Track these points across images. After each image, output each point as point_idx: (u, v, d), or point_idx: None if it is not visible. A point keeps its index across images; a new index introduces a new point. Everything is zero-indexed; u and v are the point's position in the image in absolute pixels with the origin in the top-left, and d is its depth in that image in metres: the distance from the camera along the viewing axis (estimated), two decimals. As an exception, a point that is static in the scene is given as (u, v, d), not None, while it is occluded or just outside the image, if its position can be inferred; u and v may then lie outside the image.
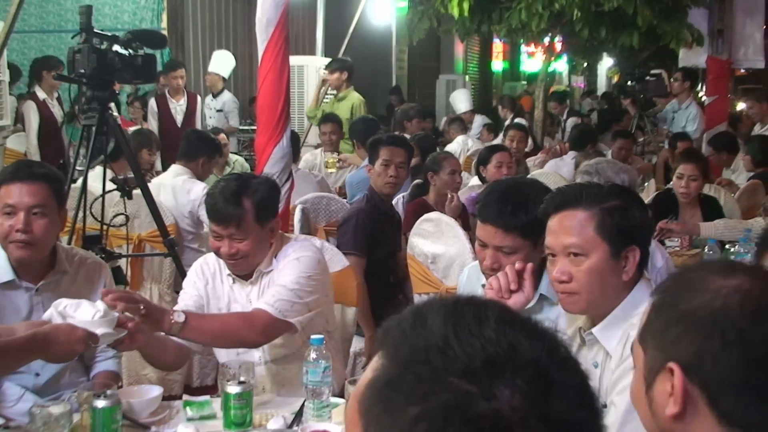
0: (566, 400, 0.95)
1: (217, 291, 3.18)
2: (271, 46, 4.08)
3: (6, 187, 2.84)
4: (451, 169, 5.33)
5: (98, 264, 3.19)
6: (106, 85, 4.03)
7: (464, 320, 0.98)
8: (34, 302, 2.94)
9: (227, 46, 12.34)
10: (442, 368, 0.94)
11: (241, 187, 3.05)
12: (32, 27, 10.88)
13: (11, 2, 5.78)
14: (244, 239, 3.01)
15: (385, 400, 0.96)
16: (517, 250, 2.74)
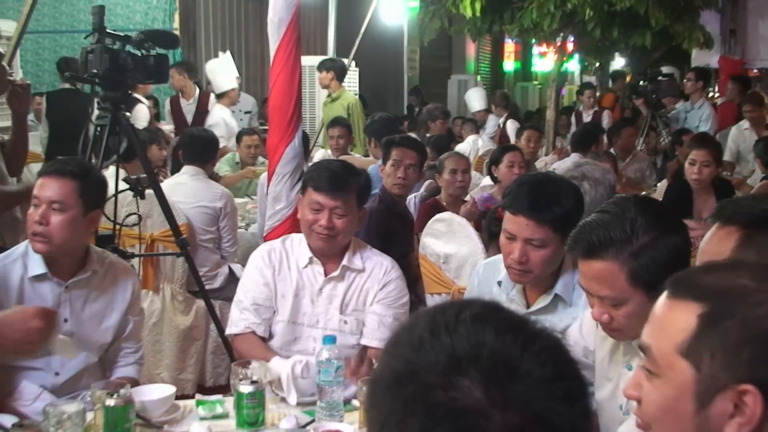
0: (529, 390, 0.98)
1: (284, 278, 3.21)
2: (282, 47, 4.08)
3: (40, 178, 2.93)
4: (450, 169, 5.33)
5: (127, 269, 3.24)
6: (119, 85, 4.03)
7: (443, 319, 1.05)
8: (62, 298, 2.99)
9: (239, 47, 12.37)
10: (412, 363, 1.01)
11: (351, 167, 3.27)
12: (45, 27, 10.92)
13: (24, 2, 5.81)
14: (344, 216, 3.12)
15: (372, 395, 1.06)
16: (547, 243, 2.74)
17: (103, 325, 3.10)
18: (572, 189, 2.84)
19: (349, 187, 3.16)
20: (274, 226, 4.15)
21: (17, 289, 2.93)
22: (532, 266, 2.77)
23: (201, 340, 5.22)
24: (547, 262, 2.78)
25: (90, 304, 3.05)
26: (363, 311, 3.20)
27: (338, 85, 8.71)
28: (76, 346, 2.59)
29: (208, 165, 5.47)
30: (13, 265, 2.96)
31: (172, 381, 4.70)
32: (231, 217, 5.37)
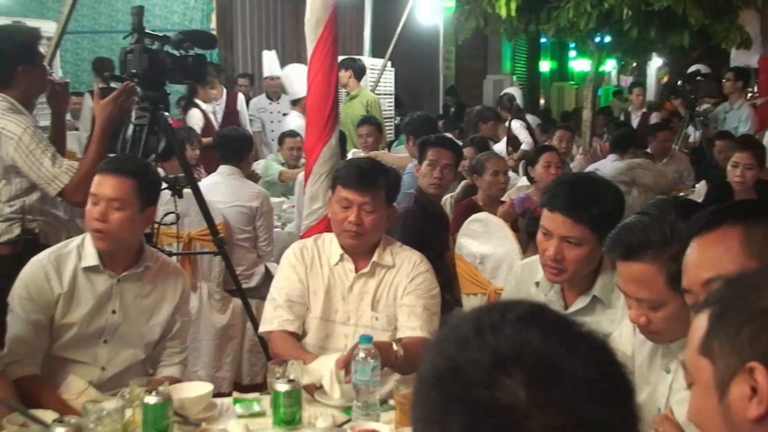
0: (572, 391, 0.97)
1: (316, 274, 3.23)
2: (320, 46, 4.09)
3: (98, 176, 2.99)
4: (494, 170, 5.32)
5: (178, 270, 3.31)
6: (158, 84, 4.06)
7: (488, 319, 1.04)
8: (114, 290, 3.05)
9: (275, 46, 12.40)
10: (456, 360, 1.01)
11: (379, 164, 3.31)
12: (84, 28, 11.03)
13: (64, 3, 5.88)
14: (373, 213, 3.15)
15: (417, 392, 1.06)
16: (583, 242, 2.73)
17: (152, 321, 3.14)
18: (613, 191, 2.83)
19: (378, 184, 3.17)
20: (310, 226, 4.17)
21: (70, 279, 3.00)
22: (567, 265, 2.76)
23: (237, 339, 5.25)
24: (583, 262, 2.77)
25: (140, 299, 3.10)
26: (394, 307, 3.21)
27: (357, 83, 8.73)
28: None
29: (242, 163, 5.51)
30: (68, 256, 3.03)
31: (209, 379, 4.73)
32: (267, 216, 5.40)
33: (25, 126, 3.62)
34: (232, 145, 5.55)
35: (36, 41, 3.87)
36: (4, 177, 3.68)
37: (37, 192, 3.71)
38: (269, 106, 9.60)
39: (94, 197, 2.95)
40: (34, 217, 3.74)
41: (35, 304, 2.96)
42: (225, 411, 2.76)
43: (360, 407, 2.62)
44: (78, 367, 3.03)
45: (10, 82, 3.71)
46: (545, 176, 5.37)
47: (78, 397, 2.90)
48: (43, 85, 3.88)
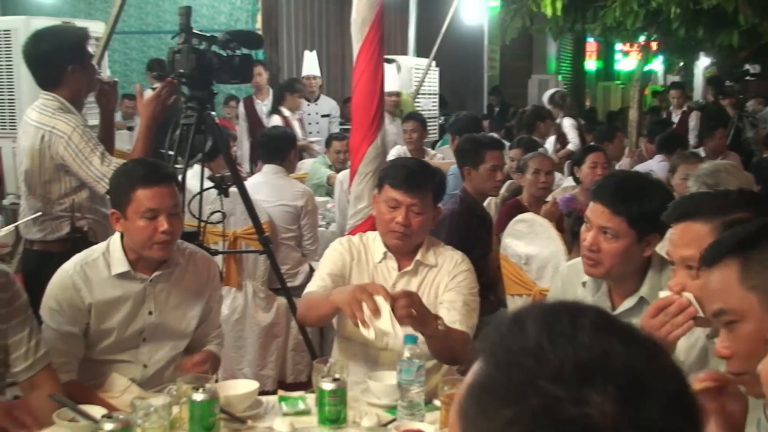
0: (661, 407, 0.93)
1: (362, 270, 3.23)
2: (366, 46, 4.10)
3: (143, 190, 2.91)
4: (534, 169, 5.29)
5: (207, 259, 3.29)
6: (205, 84, 4.09)
7: (559, 325, 0.98)
8: (148, 292, 3.05)
9: (320, 46, 12.46)
10: (533, 372, 0.94)
11: (427, 165, 3.31)
12: (132, 28, 11.17)
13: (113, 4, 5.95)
14: (421, 214, 3.14)
15: (481, 403, 0.97)
16: (620, 236, 2.71)
17: (189, 314, 3.16)
18: (662, 193, 2.82)
19: (426, 185, 3.17)
20: (355, 225, 4.18)
21: (101, 287, 3.00)
22: (603, 257, 2.75)
23: (282, 337, 5.28)
24: (619, 256, 2.75)
25: (174, 296, 3.11)
26: (435, 305, 3.17)
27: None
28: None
29: (285, 162, 5.53)
30: (95, 264, 3.02)
31: (254, 377, 4.75)
32: (312, 215, 5.42)
33: (74, 125, 3.67)
34: (274, 144, 5.58)
35: (85, 41, 3.91)
36: (54, 176, 3.73)
37: (86, 190, 3.75)
38: (307, 107, 9.45)
39: (152, 212, 2.90)
40: (83, 215, 3.79)
41: (66, 316, 2.96)
42: (270, 409, 2.77)
43: (405, 407, 2.62)
44: (120, 366, 3.06)
45: (60, 82, 3.76)
46: (591, 177, 5.32)
47: (121, 394, 2.94)
48: (92, 85, 3.93)
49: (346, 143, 7.35)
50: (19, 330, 2.72)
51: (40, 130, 3.69)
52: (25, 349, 2.72)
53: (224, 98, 9.74)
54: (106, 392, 2.96)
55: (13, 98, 6.10)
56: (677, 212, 2.28)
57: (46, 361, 2.77)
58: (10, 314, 2.71)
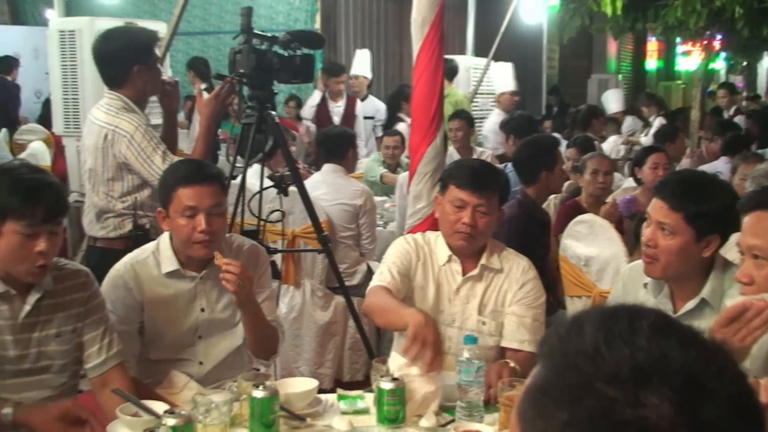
0: (720, 410, 0.91)
1: (426, 272, 3.20)
2: (426, 46, 4.09)
3: (183, 189, 2.95)
4: (592, 169, 5.24)
5: (256, 250, 3.29)
6: (265, 84, 4.13)
7: (617, 327, 0.97)
8: (198, 290, 3.09)
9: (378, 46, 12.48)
10: (590, 374, 0.93)
11: (492, 166, 3.32)
12: (195, 29, 11.31)
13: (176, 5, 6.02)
14: (487, 215, 3.11)
15: (538, 405, 0.97)
16: (677, 233, 2.69)
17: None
18: (726, 195, 2.77)
19: (492, 186, 3.14)
20: (414, 225, 4.16)
21: (152, 286, 3.05)
22: (659, 253, 2.72)
23: (339, 336, 5.30)
24: (676, 254, 2.71)
25: (224, 292, 3.10)
26: (502, 313, 3.16)
27: (447, 83, 8.67)
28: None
29: (344, 161, 5.54)
30: (144, 264, 3.07)
31: (311, 375, 4.78)
32: (370, 214, 5.43)
33: (137, 124, 3.72)
34: (333, 143, 5.61)
35: (152, 43, 3.97)
36: (116, 174, 3.79)
37: (149, 188, 3.81)
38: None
39: (190, 210, 2.93)
40: (145, 212, 3.84)
41: (120, 315, 3.00)
42: (329, 407, 2.78)
43: (464, 407, 2.61)
44: (177, 364, 3.09)
45: (125, 82, 3.82)
46: (652, 177, 5.24)
47: (180, 391, 2.98)
48: (157, 86, 3.98)
49: (398, 139, 7.40)
50: (94, 328, 2.79)
51: (104, 129, 3.75)
52: (98, 347, 2.78)
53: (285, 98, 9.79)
54: (166, 389, 3.00)
55: (77, 98, 6.21)
56: (751, 202, 2.32)
57: (118, 360, 2.83)
58: (87, 313, 2.78)
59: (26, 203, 2.50)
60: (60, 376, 2.75)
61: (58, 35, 6.20)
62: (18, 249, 2.52)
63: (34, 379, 2.67)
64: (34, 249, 2.53)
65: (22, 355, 2.65)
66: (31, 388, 2.67)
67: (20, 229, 2.50)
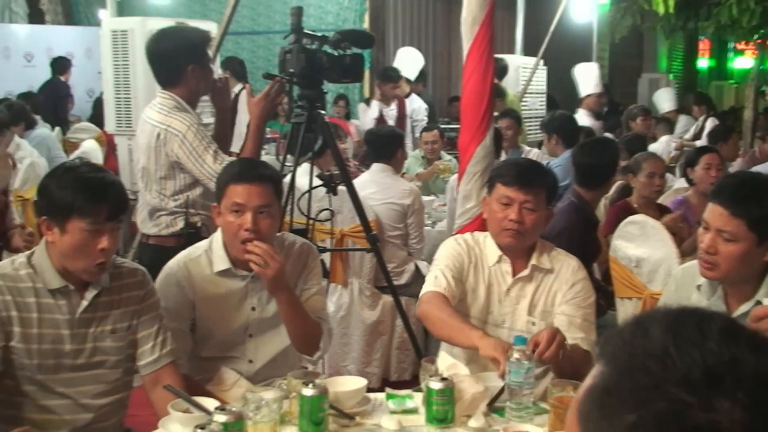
0: None
1: (478, 274, 3.17)
2: (476, 46, 4.08)
3: (234, 186, 2.97)
4: (649, 171, 5.16)
5: (307, 247, 3.30)
6: (315, 84, 4.14)
7: (686, 330, 0.96)
8: (249, 289, 3.10)
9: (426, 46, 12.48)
10: (659, 376, 0.92)
11: (539, 165, 3.31)
12: (244, 29, 11.39)
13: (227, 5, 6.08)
14: (534, 212, 3.08)
15: (603, 406, 0.96)
16: (738, 239, 2.64)
17: None
18: None
19: (539, 183, 3.11)
20: (463, 225, 4.15)
21: (204, 284, 3.07)
22: (720, 259, 2.68)
23: (387, 335, 5.31)
24: (737, 260, 2.67)
25: None
26: (551, 313, 3.13)
27: (497, 82, 8.63)
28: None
29: (393, 161, 5.55)
30: (197, 262, 3.09)
31: (358, 374, 4.79)
32: (418, 214, 5.43)
33: (189, 124, 3.75)
34: (381, 143, 5.62)
35: (205, 42, 4.00)
36: (168, 173, 3.82)
37: (200, 187, 3.84)
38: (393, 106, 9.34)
39: (238, 207, 2.94)
40: (197, 211, 3.87)
41: (172, 313, 3.02)
42: (378, 406, 2.77)
43: (513, 408, 2.60)
44: (227, 362, 3.12)
45: (178, 81, 3.86)
46: (705, 178, 5.18)
47: (230, 388, 3.00)
48: (209, 85, 4.01)
49: (436, 133, 7.40)
50: (148, 326, 2.83)
51: (156, 128, 3.79)
52: (152, 344, 2.82)
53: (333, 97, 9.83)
54: (216, 386, 3.03)
55: (129, 97, 6.30)
56: None
57: (171, 358, 2.86)
58: (142, 310, 2.82)
59: (91, 201, 2.56)
60: (114, 372, 2.79)
61: (111, 35, 6.29)
62: (81, 246, 2.58)
63: (90, 373, 2.71)
64: (97, 246, 2.58)
65: (78, 350, 2.69)
66: (87, 383, 2.71)
67: (84, 226, 2.56)
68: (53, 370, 2.66)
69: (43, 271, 2.66)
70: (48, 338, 2.64)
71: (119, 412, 2.87)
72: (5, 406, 2.60)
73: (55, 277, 2.65)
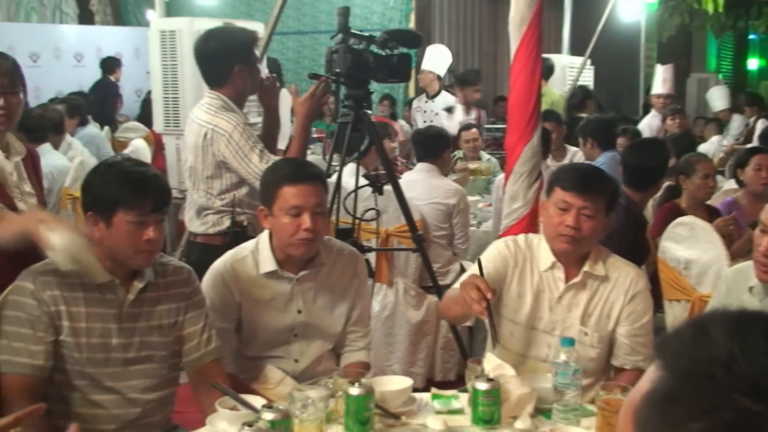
0: None
1: (525, 278, 3.11)
2: (524, 45, 4.05)
3: (287, 188, 2.98)
4: (704, 173, 5.10)
5: (355, 256, 3.31)
6: (361, 83, 4.14)
7: (751, 335, 0.93)
8: (295, 291, 3.12)
9: (472, 45, 12.44)
10: (726, 384, 0.89)
11: (601, 171, 3.22)
12: (290, 29, 11.43)
13: (271, 5, 6.12)
14: (592, 219, 2.99)
15: (664, 413, 0.94)
16: None
17: (335, 312, 3.21)
18: None
19: (599, 190, 3.03)
20: (510, 225, 4.13)
21: (250, 285, 3.09)
22: None
23: (431, 335, 5.30)
24: None
25: (321, 294, 3.17)
26: (606, 324, 3.05)
27: (543, 82, 8.52)
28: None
29: (439, 161, 5.55)
30: (243, 262, 3.11)
31: (403, 374, 4.77)
32: (463, 214, 5.41)
33: (235, 123, 3.78)
34: (428, 143, 5.62)
35: (252, 43, 4.02)
36: (215, 172, 3.85)
37: (246, 186, 3.86)
38: (424, 104, 9.11)
39: (295, 209, 2.96)
40: (243, 210, 3.90)
41: (219, 312, 3.06)
42: (423, 406, 2.77)
43: (560, 410, 2.58)
44: (272, 361, 3.14)
45: (226, 81, 3.89)
46: (756, 180, 5.10)
47: (275, 387, 3.02)
48: (256, 85, 4.03)
49: (475, 132, 7.37)
50: (193, 323, 2.86)
51: (203, 128, 3.82)
52: (197, 342, 2.85)
53: (379, 97, 9.84)
54: (261, 384, 3.05)
55: (177, 96, 6.35)
56: None
57: (216, 355, 2.89)
58: (188, 308, 2.85)
59: (135, 194, 2.61)
60: (161, 368, 2.82)
61: (159, 35, 6.35)
62: (128, 238, 2.62)
63: (138, 368, 2.75)
64: (143, 237, 2.63)
65: (126, 344, 2.73)
66: (135, 378, 2.74)
67: (130, 219, 2.61)
68: (102, 364, 2.70)
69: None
70: (96, 332, 2.68)
71: (166, 408, 2.90)
72: (56, 401, 2.63)
73: (101, 272, 2.69)
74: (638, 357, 2.98)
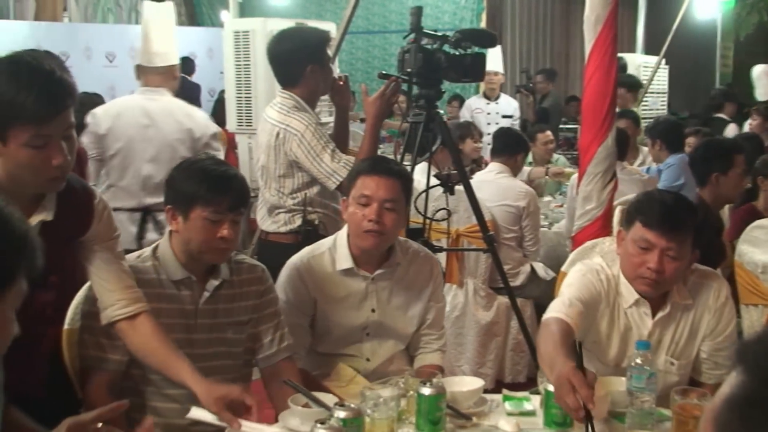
0: None
1: (612, 314, 2.92)
2: (599, 45, 4.00)
3: (363, 178, 3.03)
4: None
5: (430, 258, 3.31)
6: (433, 83, 4.14)
7: None
8: (370, 289, 3.13)
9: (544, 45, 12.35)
10: None
11: (686, 201, 2.91)
12: (359, 28, 11.47)
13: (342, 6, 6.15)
14: (677, 260, 2.77)
15: (746, 417, 0.93)
16: None
17: (409, 313, 3.21)
18: None
19: (686, 227, 2.77)
20: (583, 226, 4.09)
21: (326, 282, 3.11)
22: None
23: (501, 337, 5.27)
24: None
25: (395, 294, 3.17)
26: (693, 348, 2.94)
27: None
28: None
29: (511, 161, 5.52)
30: (320, 259, 3.13)
31: (472, 374, 4.77)
32: (534, 216, 5.38)
33: (307, 123, 3.81)
34: (503, 143, 5.60)
35: (325, 43, 4.05)
36: (287, 171, 3.88)
37: (318, 185, 3.89)
38: (486, 106, 8.97)
39: (365, 198, 2.99)
40: (315, 209, 3.93)
41: (294, 308, 3.09)
42: (494, 407, 2.75)
43: (634, 414, 2.54)
44: (344, 359, 3.15)
45: (298, 81, 3.92)
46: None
47: (347, 384, 3.03)
48: (328, 85, 4.06)
49: (549, 134, 7.30)
50: (267, 321, 2.90)
51: (276, 128, 3.86)
52: (270, 339, 2.89)
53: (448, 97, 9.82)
54: (332, 381, 3.06)
55: (250, 96, 6.43)
56: None
57: (289, 353, 2.93)
58: (262, 305, 2.89)
59: (213, 191, 2.66)
60: (235, 364, 2.85)
61: (233, 35, 6.44)
62: (202, 234, 2.67)
63: (212, 364, 2.77)
64: (217, 234, 2.67)
65: (201, 340, 2.77)
66: (209, 373, 2.76)
67: (207, 215, 2.66)
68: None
69: (167, 263, 2.77)
70: (172, 328, 2.72)
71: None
72: (131, 394, 2.68)
73: (178, 268, 2.75)
74: (722, 370, 2.88)
